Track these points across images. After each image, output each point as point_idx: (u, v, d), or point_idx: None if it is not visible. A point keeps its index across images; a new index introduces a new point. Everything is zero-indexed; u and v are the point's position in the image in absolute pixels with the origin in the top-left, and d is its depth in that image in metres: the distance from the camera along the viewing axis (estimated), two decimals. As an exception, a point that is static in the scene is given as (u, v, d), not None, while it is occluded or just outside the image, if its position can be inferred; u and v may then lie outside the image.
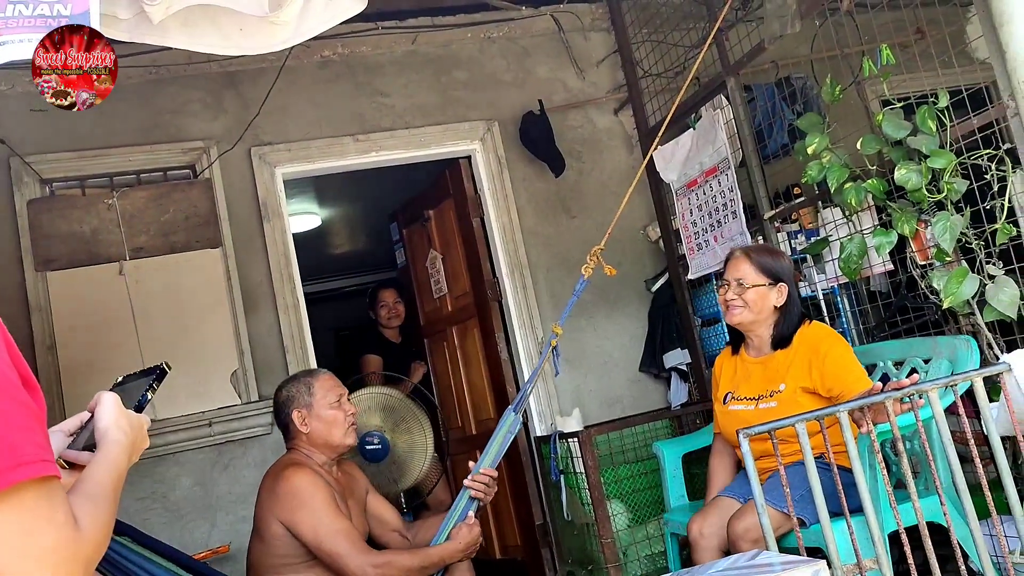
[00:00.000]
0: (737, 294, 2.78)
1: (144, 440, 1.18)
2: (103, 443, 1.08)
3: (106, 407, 1.12)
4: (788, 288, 2.80)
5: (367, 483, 3.00)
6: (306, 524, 2.55)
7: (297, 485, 2.60)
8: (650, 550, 3.77)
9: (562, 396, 4.39)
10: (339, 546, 2.52)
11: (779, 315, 2.80)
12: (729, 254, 2.93)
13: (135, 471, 3.73)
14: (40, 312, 3.77)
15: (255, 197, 4.14)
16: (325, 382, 2.82)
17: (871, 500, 2.24)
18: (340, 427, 2.75)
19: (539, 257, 4.48)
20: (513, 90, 4.58)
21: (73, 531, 0.90)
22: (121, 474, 1.07)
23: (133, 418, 1.15)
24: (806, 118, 3.13)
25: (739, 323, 2.83)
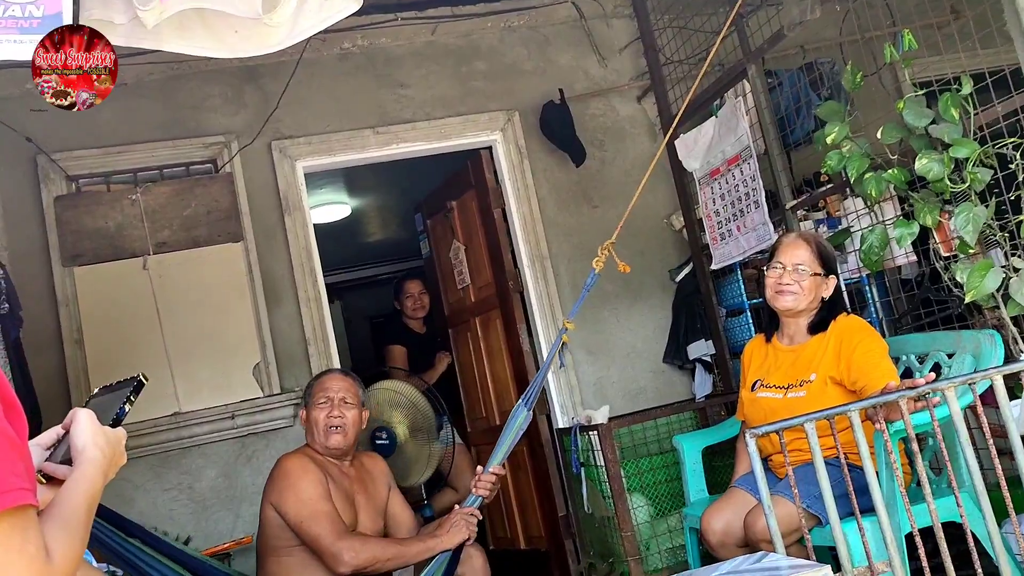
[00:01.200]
0: (795, 279, 2.70)
1: (121, 456, 1.18)
2: (80, 462, 1.07)
3: (82, 424, 1.11)
4: (837, 281, 2.76)
5: (390, 480, 3.04)
6: (290, 504, 2.62)
7: (287, 468, 2.70)
8: (671, 543, 3.74)
9: (584, 388, 4.37)
10: (318, 527, 2.58)
11: (821, 306, 2.75)
12: (783, 236, 2.88)
13: (162, 463, 3.81)
14: (67, 306, 3.83)
15: (276, 191, 4.16)
16: (322, 383, 2.93)
17: (883, 501, 2.19)
18: (319, 427, 2.83)
19: (560, 248, 4.44)
20: (534, 79, 4.54)
21: (43, 564, 0.90)
22: (96, 495, 1.07)
23: (110, 434, 1.14)
24: (826, 106, 3.05)
25: (789, 308, 2.74)
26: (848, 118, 3.05)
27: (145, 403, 3.76)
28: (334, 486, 2.73)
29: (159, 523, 3.69)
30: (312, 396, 2.90)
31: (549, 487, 4.33)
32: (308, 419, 2.88)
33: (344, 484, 2.79)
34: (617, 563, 3.75)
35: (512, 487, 4.65)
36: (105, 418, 1.18)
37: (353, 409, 2.88)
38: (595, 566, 3.97)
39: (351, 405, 2.88)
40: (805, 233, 2.86)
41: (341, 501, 2.73)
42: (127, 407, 1.22)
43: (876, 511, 2.09)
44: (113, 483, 3.59)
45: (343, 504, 2.73)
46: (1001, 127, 2.56)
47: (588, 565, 4.06)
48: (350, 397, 2.89)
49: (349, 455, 2.90)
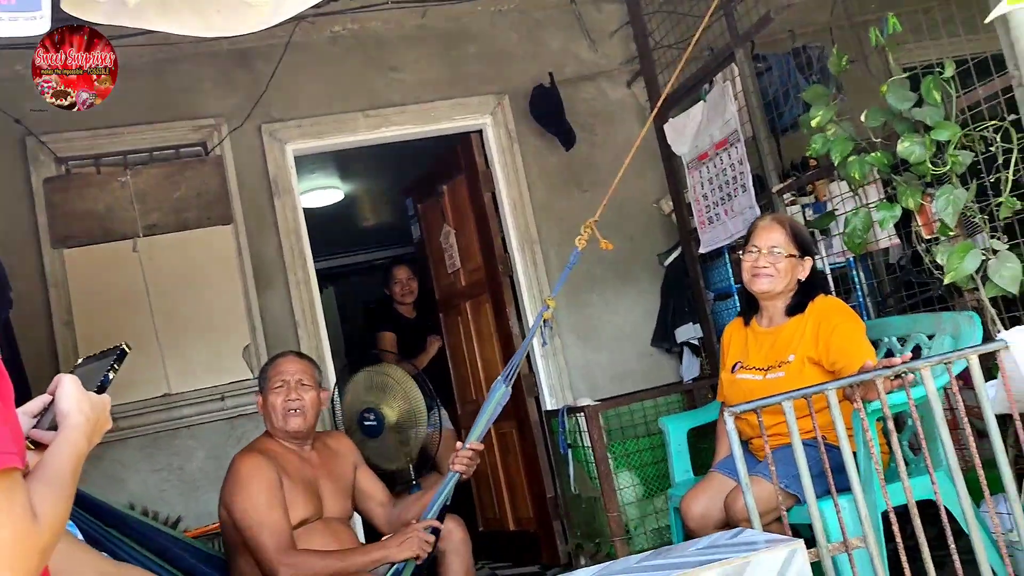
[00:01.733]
0: (770, 262, 2.72)
1: (107, 421, 1.19)
2: (64, 426, 1.09)
3: (66, 389, 1.12)
4: (813, 263, 2.78)
5: (356, 457, 3.00)
6: (238, 509, 2.57)
7: (238, 469, 2.63)
8: (657, 524, 3.78)
9: (573, 371, 4.40)
10: (260, 537, 2.52)
11: (799, 288, 2.77)
12: (757, 220, 2.89)
13: (152, 443, 3.83)
14: (57, 288, 3.85)
15: (266, 174, 4.17)
16: (276, 366, 2.84)
17: (861, 479, 2.23)
18: (277, 412, 2.75)
19: (550, 232, 4.46)
20: (524, 63, 4.55)
21: (31, 523, 0.92)
22: (80, 457, 1.08)
23: (95, 400, 1.15)
24: (811, 90, 3.07)
25: (766, 291, 2.76)
26: (834, 102, 3.06)
27: (135, 384, 3.79)
28: (291, 482, 2.66)
29: (150, 503, 3.72)
30: (268, 380, 2.81)
31: (537, 469, 4.37)
32: (265, 405, 2.79)
33: (305, 473, 2.74)
34: (603, 543, 3.79)
35: (501, 469, 4.69)
36: (90, 385, 1.19)
37: (311, 391, 2.80)
38: (582, 546, 4.01)
39: (308, 387, 2.80)
40: (779, 216, 2.88)
41: (302, 493, 2.67)
42: (111, 375, 1.24)
43: (852, 489, 2.12)
44: (104, 464, 3.61)
45: (304, 496, 2.67)
46: (982, 110, 2.58)
47: (576, 545, 4.10)
48: (307, 379, 2.81)
49: (310, 438, 2.84)
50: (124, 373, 3.76)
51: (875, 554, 2.12)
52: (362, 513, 2.99)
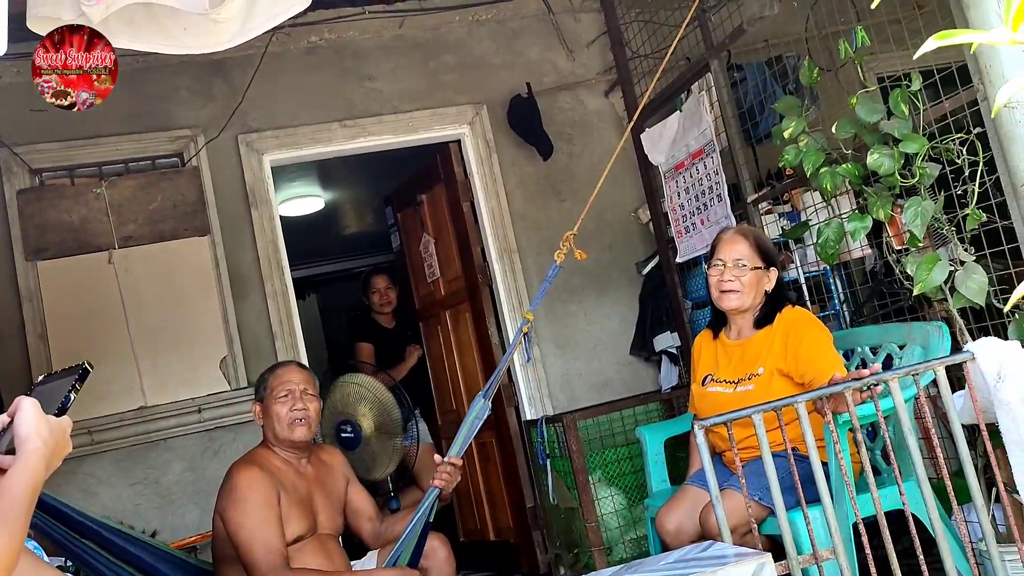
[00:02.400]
0: (735, 275, 2.70)
1: (66, 445, 1.17)
2: (21, 452, 1.08)
3: (25, 414, 1.11)
4: (778, 272, 2.77)
5: (347, 471, 2.98)
6: (233, 523, 2.53)
7: (236, 483, 2.58)
8: (635, 533, 3.79)
9: (552, 381, 4.40)
10: (254, 555, 2.48)
11: (766, 301, 2.76)
12: (721, 233, 2.86)
13: (127, 457, 3.81)
14: (31, 301, 3.82)
15: (243, 184, 4.16)
16: (280, 376, 2.80)
17: (832, 490, 2.24)
18: (282, 421, 2.71)
19: (528, 241, 4.47)
20: (502, 73, 4.56)
21: None
22: (37, 484, 1.07)
23: (54, 423, 1.14)
24: (784, 101, 3.09)
25: (735, 308, 2.75)
26: (806, 113, 3.08)
27: (110, 397, 3.77)
28: (287, 496, 2.64)
29: (124, 517, 3.69)
30: (270, 390, 2.77)
31: (518, 479, 4.37)
32: (267, 414, 2.75)
33: (300, 488, 2.72)
34: (582, 553, 3.80)
35: (481, 479, 4.68)
36: (50, 407, 1.17)
37: (314, 401, 2.79)
38: (562, 556, 4.01)
39: (312, 396, 2.79)
40: (742, 228, 2.88)
41: (297, 508, 2.65)
42: (72, 395, 1.22)
43: (821, 500, 2.13)
44: (78, 478, 3.58)
45: (300, 512, 2.65)
46: (949, 123, 2.60)
47: (555, 556, 4.10)
48: (310, 388, 2.80)
49: (308, 450, 2.83)
50: (99, 386, 3.75)
51: (844, 565, 2.13)
52: (351, 528, 2.95)
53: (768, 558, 1.81)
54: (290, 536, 2.60)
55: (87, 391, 3.80)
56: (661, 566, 1.94)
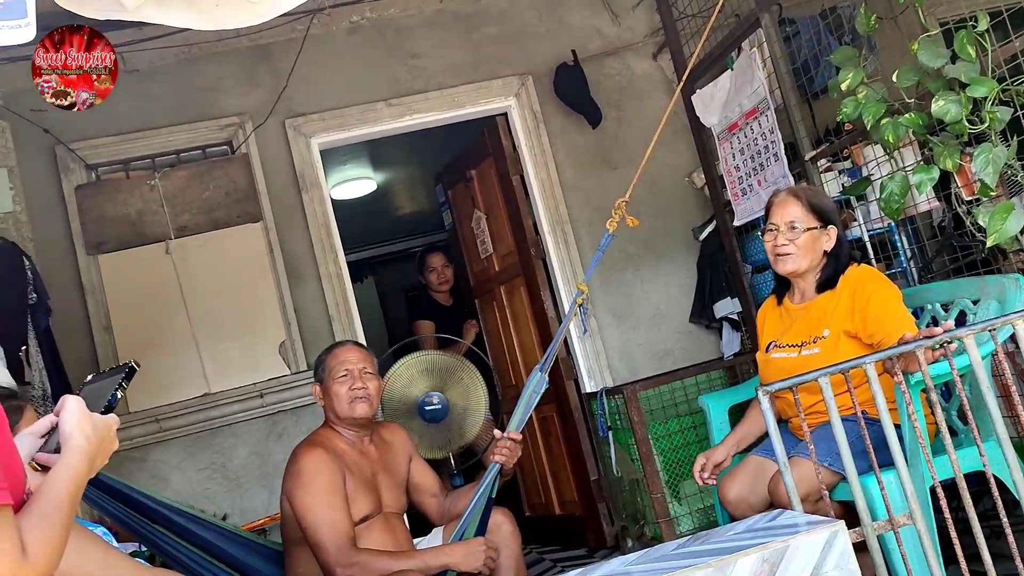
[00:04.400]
0: (789, 239, 2.60)
1: (112, 442, 1.18)
2: (65, 449, 1.09)
3: (69, 412, 1.12)
4: (837, 230, 2.65)
5: (411, 449, 2.98)
6: (300, 506, 2.54)
7: (302, 466, 2.59)
8: (702, 504, 3.72)
9: (611, 352, 4.35)
10: (320, 536, 2.49)
11: (827, 260, 2.66)
12: (772, 196, 2.75)
13: (194, 443, 3.88)
14: (94, 294, 3.90)
15: (292, 169, 4.17)
16: (337, 355, 2.80)
17: (906, 453, 2.15)
18: (342, 400, 2.71)
19: (580, 212, 4.40)
20: (546, 42, 4.48)
21: (19, 559, 0.91)
22: (81, 481, 1.08)
23: (98, 421, 1.15)
24: (840, 52, 2.96)
25: (791, 271, 2.66)
26: (864, 63, 2.95)
27: (175, 385, 3.84)
28: (352, 477, 2.65)
29: (195, 502, 3.76)
30: (328, 370, 2.78)
31: (580, 452, 4.34)
32: (327, 393, 2.76)
33: (364, 468, 2.72)
34: (648, 525, 3.75)
35: (544, 453, 4.66)
36: (96, 405, 1.19)
37: (374, 379, 2.79)
38: (628, 528, 3.98)
39: (371, 375, 2.80)
40: (794, 188, 2.74)
41: (362, 488, 2.66)
42: (119, 393, 1.24)
43: (895, 464, 2.05)
44: (148, 464, 3.66)
45: (365, 493, 2.66)
46: (1021, 63, 2.46)
47: (621, 528, 4.06)
48: (369, 367, 2.81)
49: (369, 428, 2.83)
50: (164, 374, 3.81)
51: (923, 530, 2.04)
52: (415, 505, 2.95)
53: (841, 525, 1.74)
54: (356, 516, 2.61)
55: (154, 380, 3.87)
56: (729, 536, 1.88)
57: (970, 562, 2.00)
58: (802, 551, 1.72)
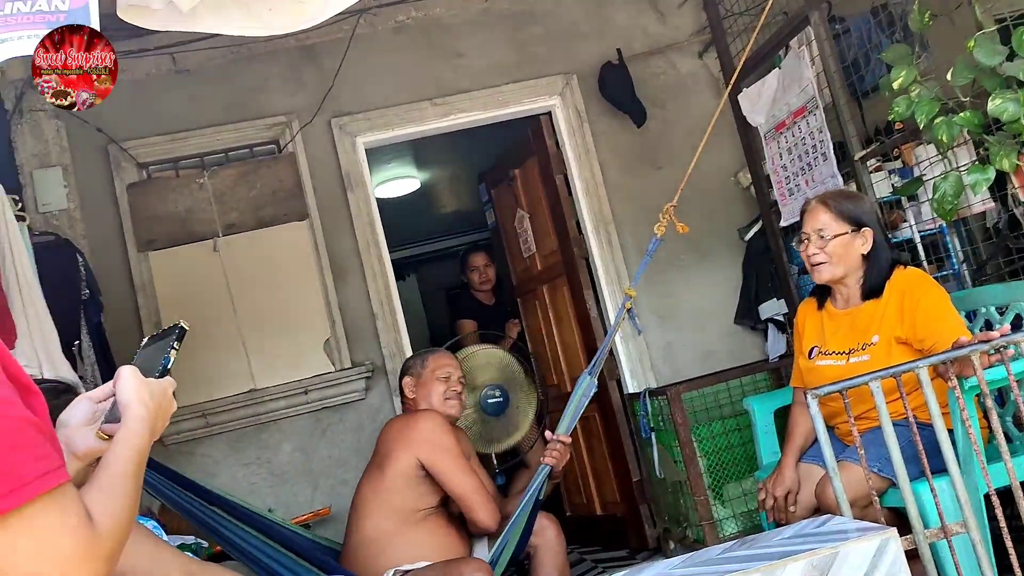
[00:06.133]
0: (819, 248, 2.56)
1: (170, 405, 1.18)
2: (125, 419, 1.10)
3: (125, 381, 1.12)
4: (873, 233, 2.58)
5: (470, 449, 3.10)
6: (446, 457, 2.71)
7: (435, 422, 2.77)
8: (746, 507, 3.68)
9: (654, 353, 4.32)
10: (475, 481, 2.72)
11: (867, 264, 2.59)
12: (804, 205, 2.71)
13: (240, 438, 3.93)
14: (144, 291, 3.97)
15: (338, 167, 4.21)
16: (439, 358, 3.01)
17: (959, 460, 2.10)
18: (438, 396, 2.91)
19: (624, 212, 4.38)
20: (591, 41, 4.46)
21: (88, 531, 0.92)
22: (143, 449, 1.08)
23: (154, 386, 1.15)
24: (892, 50, 2.90)
25: (828, 280, 2.62)
26: (917, 61, 2.89)
27: (222, 381, 3.89)
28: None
29: (241, 496, 3.78)
30: (428, 369, 2.96)
31: (623, 453, 4.32)
32: (422, 388, 2.94)
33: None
34: (691, 528, 3.72)
35: (586, 454, 4.65)
36: (151, 371, 1.19)
37: (463, 388, 3.03)
38: (670, 531, 3.95)
39: (463, 383, 3.03)
40: (823, 195, 2.69)
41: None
42: (172, 356, 1.22)
43: (948, 469, 2.00)
44: (195, 459, 3.72)
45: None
46: (1082, 60, 2.39)
47: (663, 530, 4.04)
48: (463, 377, 3.05)
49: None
50: (211, 370, 3.87)
51: (977, 539, 2.00)
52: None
53: (893, 532, 1.71)
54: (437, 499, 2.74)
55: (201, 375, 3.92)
56: (777, 541, 1.86)
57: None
58: (852, 558, 1.69)
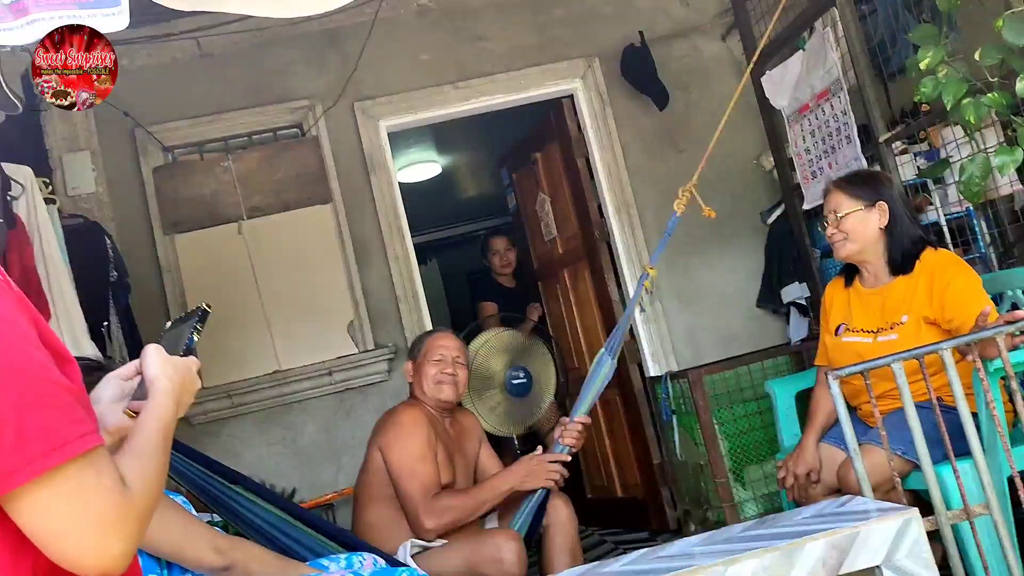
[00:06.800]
0: (836, 227, 2.64)
1: (194, 382, 1.22)
2: (152, 393, 1.14)
3: (150, 358, 1.17)
4: (890, 206, 2.60)
5: (481, 435, 3.11)
6: (395, 456, 2.69)
7: (402, 419, 2.76)
8: (767, 489, 3.69)
9: (676, 336, 4.32)
10: (411, 486, 2.64)
11: (887, 237, 2.62)
12: (825, 188, 2.79)
13: (265, 418, 3.98)
14: (170, 273, 4.02)
15: (361, 151, 4.23)
16: (435, 340, 2.97)
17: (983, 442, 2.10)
18: (429, 380, 2.87)
19: (646, 195, 4.37)
20: (613, 23, 4.44)
21: (121, 494, 0.96)
22: (169, 421, 1.12)
23: (178, 363, 1.19)
24: (919, 30, 2.87)
25: (847, 256, 2.68)
26: (945, 40, 2.86)
27: (248, 362, 3.94)
28: (440, 446, 2.79)
29: (266, 476, 3.86)
30: (425, 352, 2.93)
31: (643, 435, 4.33)
32: (417, 372, 2.92)
33: (447, 444, 2.84)
34: (712, 510, 3.73)
35: (607, 436, 4.66)
36: (175, 350, 1.23)
37: (464, 369, 2.96)
38: (691, 512, 3.96)
39: (462, 365, 2.95)
40: (836, 178, 2.79)
41: (443, 461, 2.77)
42: (195, 336, 1.27)
43: (971, 452, 2.00)
44: (222, 439, 3.78)
45: (444, 464, 2.77)
46: (1113, 39, 2.36)
47: (684, 512, 4.05)
48: (462, 357, 2.97)
49: (452, 413, 2.96)
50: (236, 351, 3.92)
51: (1000, 521, 2.00)
52: None
53: (915, 513, 1.71)
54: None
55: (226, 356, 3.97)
56: (797, 521, 1.87)
57: (1049, 554, 1.96)
58: (873, 538, 1.69)
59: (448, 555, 2.61)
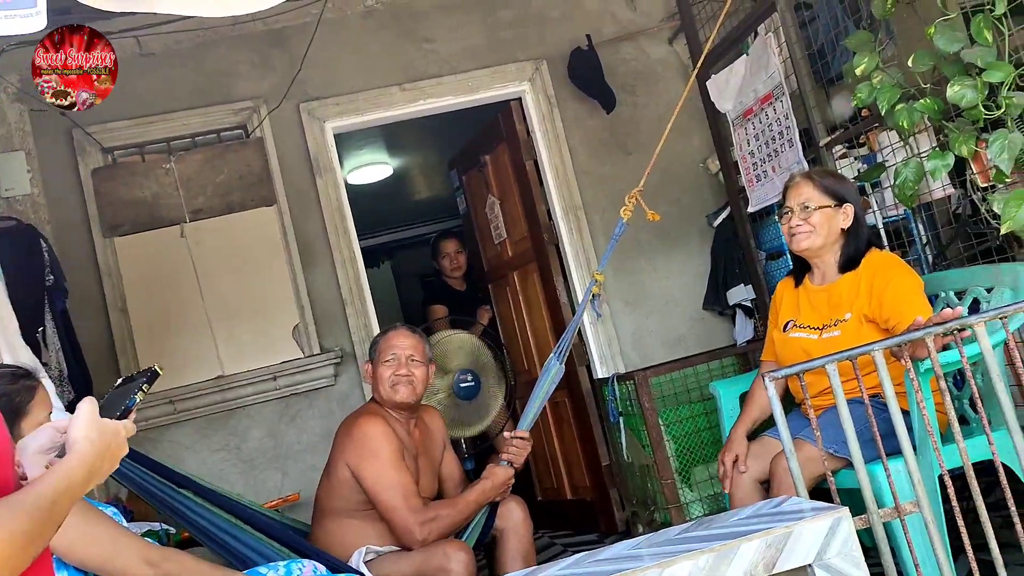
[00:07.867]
0: (803, 219, 2.64)
1: (120, 447, 1.17)
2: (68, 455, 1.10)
3: (79, 417, 1.13)
4: (854, 209, 2.65)
5: (445, 436, 3.05)
6: (369, 473, 2.62)
7: (369, 433, 2.67)
8: (712, 490, 3.72)
9: (623, 338, 4.34)
10: (394, 499, 2.59)
11: (845, 239, 2.66)
12: (788, 180, 2.80)
13: (208, 424, 3.91)
14: (110, 276, 3.94)
15: (306, 153, 4.18)
16: (388, 340, 2.87)
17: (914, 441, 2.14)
18: (383, 383, 2.80)
19: (595, 197, 4.39)
20: (561, 26, 4.46)
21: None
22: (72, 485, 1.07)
23: (107, 427, 1.15)
24: (855, 36, 2.93)
25: (806, 249, 2.68)
26: (880, 48, 2.92)
27: (190, 367, 3.87)
28: (405, 451, 2.73)
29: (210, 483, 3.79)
30: (379, 353, 2.84)
31: (592, 437, 4.34)
32: (374, 375, 2.84)
33: (410, 447, 2.79)
34: (658, 511, 3.76)
35: (556, 438, 4.67)
36: (112, 410, 1.21)
37: (421, 367, 2.85)
38: (638, 514, 3.98)
39: (419, 362, 2.84)
40: (806, 171, 2.80)
41: (410, 466, 2.73)
42: (137, 397, 1.26)
43: (902, 451, 2.04)
44: (163, 445, 3.70)
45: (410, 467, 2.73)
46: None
47: (632, 513, 4.07)
48: (417, 355, 2.85)
49: (415, 412, 2.88)
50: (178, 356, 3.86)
51: (929, 518, 2.03)
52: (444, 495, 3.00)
53: (845, 512, 1.74)
54: None
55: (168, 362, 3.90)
56: (734, 521, 1.88)
57: (978, 551, 1.99)
58: (805, 537, 1.71)
59: (400, 563, 2.58)
